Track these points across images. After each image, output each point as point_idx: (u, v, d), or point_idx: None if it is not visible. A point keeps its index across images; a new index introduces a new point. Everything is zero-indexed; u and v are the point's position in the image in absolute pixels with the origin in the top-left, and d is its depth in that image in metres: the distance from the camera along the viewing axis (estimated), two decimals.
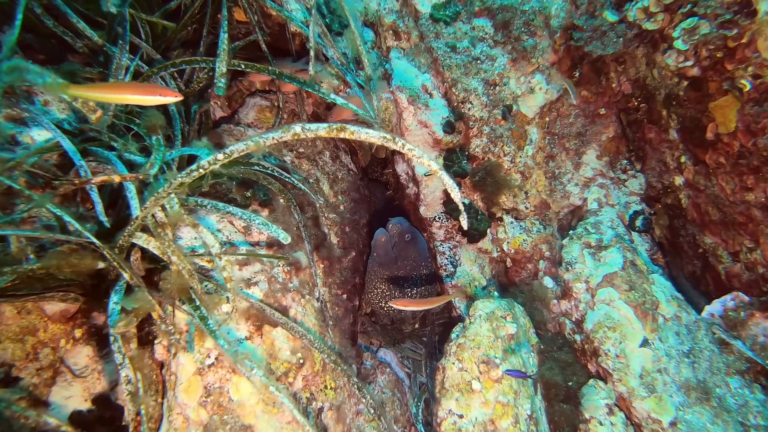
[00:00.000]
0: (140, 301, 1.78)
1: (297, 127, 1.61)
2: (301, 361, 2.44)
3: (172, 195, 1.87)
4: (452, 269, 3.52)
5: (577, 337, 3.21)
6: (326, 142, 3.74)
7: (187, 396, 2.10)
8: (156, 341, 2.22)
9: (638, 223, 3.73)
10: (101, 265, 1.99)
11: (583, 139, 3.90)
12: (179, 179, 1.70)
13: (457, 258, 3.58)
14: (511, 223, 3.75)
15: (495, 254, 3.74)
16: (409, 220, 3.74)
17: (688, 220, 3.59)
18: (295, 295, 2.68)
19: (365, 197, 3.88)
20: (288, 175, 2.77)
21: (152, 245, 1.92)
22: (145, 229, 1.98)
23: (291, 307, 2.62)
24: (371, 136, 1.63)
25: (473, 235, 3.60)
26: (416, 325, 4.14)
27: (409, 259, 3.57)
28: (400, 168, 3.81)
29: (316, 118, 3.67)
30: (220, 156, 1.68)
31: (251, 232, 2.73)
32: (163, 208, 1.90)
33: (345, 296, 3.19)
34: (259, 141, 1.64)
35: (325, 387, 2.57)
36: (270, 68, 2.65)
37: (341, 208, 3.51)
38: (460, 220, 1.72)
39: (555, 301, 3.45)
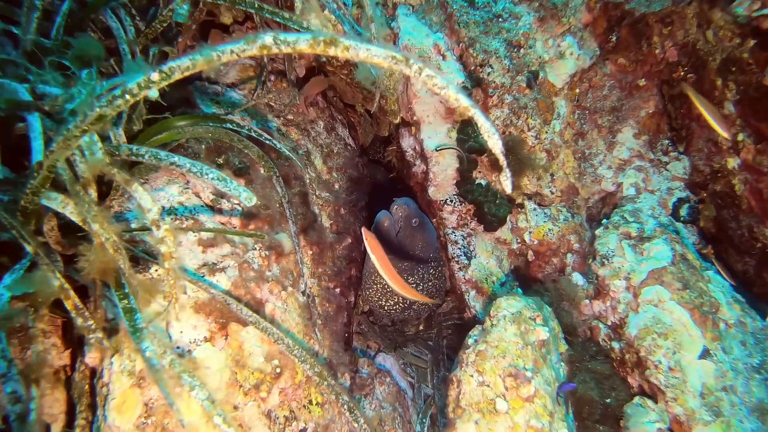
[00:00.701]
0: (38, 283, 1.25)
1: (267, 38, 1.08)
2: (279, 370, 1.90)
3: (94, 140, 1.33)
4: (466, 261, 2.98)
5: (615, 345, 2.67)
6: (320, 110, 3.21)
7: (120, 416, 1.56)
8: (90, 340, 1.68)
9: (683, 212, 3.20)
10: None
11: (618, 114, 3.37)
12: (97, 111, 1.16)
13: (471, 248, 3.04)
14: (534, 210, 3.21)
15: (515, 246, 3.20)
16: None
17: (742, 209, 3.05)
18: (274, 286, 2.13)
19: (364, 177, 3.34)
20: (270, 138, 2.23)
21: (69, 209, 1.38)
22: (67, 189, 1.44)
23: (268, 301, 2.08)
24: (374, 54, 1.09)
25: (491, 222, 3.06)
26: (420, 327, 3.60)
27: (415, 248, 3.03)
28: (406, 143, 3.28)
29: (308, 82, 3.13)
30: (155, 75, 1.14)
31: (221, 205, 2.19)
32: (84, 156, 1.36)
33: (338, 290, 2.65)
34: (211, 55, 1.11)
35: (310, 402, 2.02)
36: (248, 0, 2.11)
37: (336, 186, 2.97)
38: (502, 180, 1.19)
39: (586, 302, 2.92)
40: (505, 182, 1.15)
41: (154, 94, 1.22)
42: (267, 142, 2.21)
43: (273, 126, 2.78)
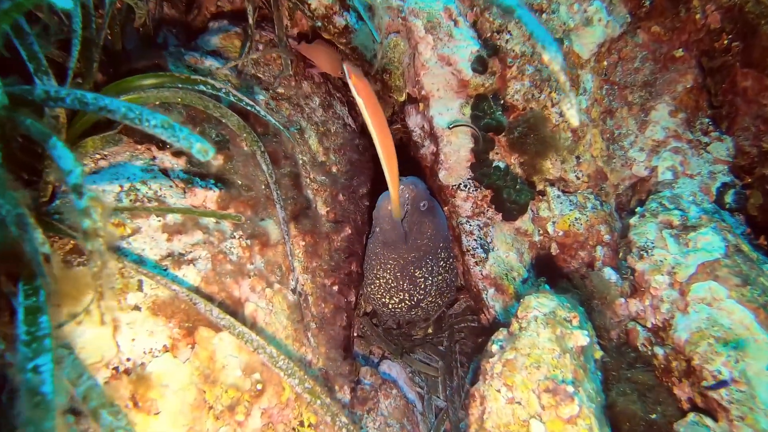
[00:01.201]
0: None
1: None
2: (260, 386, 1.53)
3: None
4: (483, 255, 2.60)
5: (659, 350, 2.29)
6: (316, 85, 2.83)
7: None
8: None
9: (728, 198, 2.81)
10: None
11: (651, 90, 2.99)
12: None
13: (489, 240, 2.66)
14: (558, 197, 2.84)
15: (536, 238, 2.82)
16: None
17: None
18: (257, 282, 1.76)
19: (366, 162, 2.97)
20: (253, 105, 1.85)
21: None
22: None
23: (248, 300, 1.70)
24: None
25: (510, 211, 2.68)
26: (429, 330, 3.22)
27: (424, 236, 2.65)
28: (413, 121, 2.90)
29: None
30: None
31: (195, 187, 1.82)
32: None
33: (335, 288, 2.27)
34: None
35: (301, 424, 1.65)
36: None
37: (333, 170, 2.60)
38: (565, 109, 0.81)
39: (621, 300, 2.54)
40: (570, 111, 0.79)
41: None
42: (250, 109, 1.84)
43: (261, 99, 2.41)
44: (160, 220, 1.62)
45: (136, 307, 1.40)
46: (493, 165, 2.69)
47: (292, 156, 2.26)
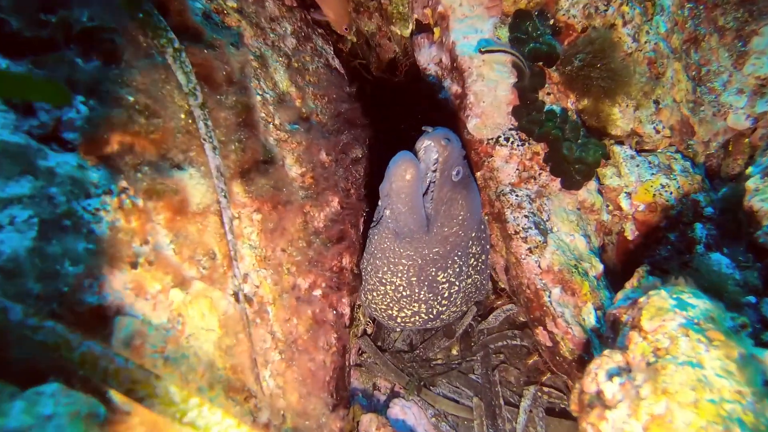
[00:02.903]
0: None
1: None
2: None
3: None
4: (539, 238, 1.73)
5: None
6: (287, 9, 2.00)
7: None
8: None
9: None
10: None
11: (750, 8, 2.17)
12: None
13: (545, 218, 1.80)
14: (631, 158, 2.01)
15: (604, 216, 1.98)
16: None
17: None
18: (149, 276, 0.88)
19: (360, 116, 2.09)
20: None
21: None
22: None
23: (125, 312, 0.82)
24: None
25: (572, 175, 1.83)
26: (454, 350, 2.33)
27: (453, 221, 1.76)
28: (425, 56, 2.07)
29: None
30: None
31: (41, 115, 0.96)
32: None
33: (318, 292, 1.41)
34: None
35: None
36: None
37: (312, 118, 1.75)
38: None
39: (750, 299, 1.68)
40: None
41: None
42: None
43: (198, 7, 1.57)
44: None
45: None
46: (546, 108, 1.86)
47: (242, 83, 1.42)
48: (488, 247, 2.08)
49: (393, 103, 2.43)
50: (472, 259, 2.00)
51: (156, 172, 1.02)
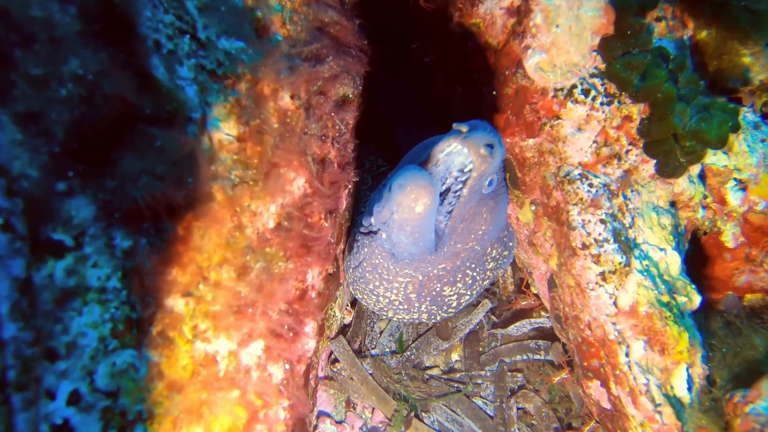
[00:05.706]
0: None
1: None
2: None
3: None
4: (620, 258, 1.10)
5: None
6: None
7: None
8: None
9: None
10: None
11: None
12: None
13: (627, 222, 1.16)
14: (755, 127, 1.35)
15: (701, 212, 1.35)
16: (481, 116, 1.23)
17: None
18: None
19: (355, 36, 1.34)
20: None
21: None
22: None
23: None
24: None
25: (678, 158, 1.16)
26: (454, 354, 1.79)
27: (470, 236, 1.23)
28: None
29: None
30: None
31: None
32: None
33: (254, 350, 0.78)
34: None
35: None
36: None
37: (273, 30, 1.02)
38: None
39: None
40: None
41: None
42: None
43: None
44: None
45: None
46: (655, 44, 1.14)
47: None
48: (512, 244, 1.47)
49: (404, 19, 1.63)
50: (491, 263, 1.42)
51: None
